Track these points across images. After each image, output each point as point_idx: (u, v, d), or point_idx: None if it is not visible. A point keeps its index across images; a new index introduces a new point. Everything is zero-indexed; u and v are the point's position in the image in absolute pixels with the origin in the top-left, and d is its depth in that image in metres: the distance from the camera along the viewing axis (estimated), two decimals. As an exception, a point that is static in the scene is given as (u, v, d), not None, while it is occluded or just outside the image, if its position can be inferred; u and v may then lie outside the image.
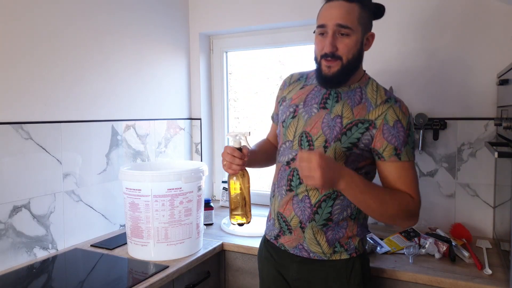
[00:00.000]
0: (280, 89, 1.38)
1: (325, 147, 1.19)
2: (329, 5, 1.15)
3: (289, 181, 1.24)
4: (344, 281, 1.22)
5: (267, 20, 2.11)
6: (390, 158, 1.15)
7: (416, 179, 1.19)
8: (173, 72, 2.21)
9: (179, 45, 2.25)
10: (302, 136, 1.23)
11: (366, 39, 1.19)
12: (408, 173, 1.17)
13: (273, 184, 1.34)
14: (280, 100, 1.35)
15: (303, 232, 1.23)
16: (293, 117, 1.25)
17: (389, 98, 1.19)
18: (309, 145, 1.22)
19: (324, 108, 1.21)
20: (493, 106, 1.69)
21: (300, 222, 1.23)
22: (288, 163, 1.26)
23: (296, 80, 1.34)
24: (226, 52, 2.40)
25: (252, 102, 2.45)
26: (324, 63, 1.16)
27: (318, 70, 1.19)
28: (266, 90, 2.38)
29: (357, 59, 1.18)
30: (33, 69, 1.49)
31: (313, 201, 1.21)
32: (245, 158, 1.25)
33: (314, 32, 1.22)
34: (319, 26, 1.16)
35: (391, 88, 1.84)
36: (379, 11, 1.24)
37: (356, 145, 1.17)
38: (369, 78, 1.25)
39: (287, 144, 1.27)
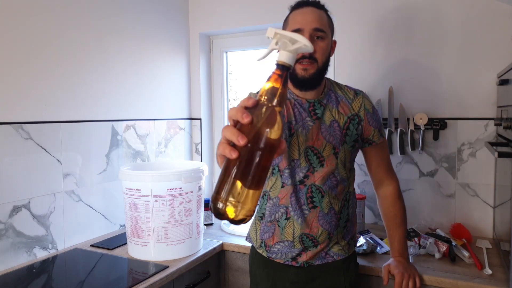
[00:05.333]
0: None
1: (335, 153, 1.23)
2: (301, 11, 1.18)
3: (309, 199, 1.23)
4: (341, 275, 1.28)
5: (267, 20, 2.11)
6: (380, 139, 1.31)
7: (389, 157, 1.40)
8: (173, 72, 2.21)
9: (179, 45, 2.25)
10: (307, 152, 1.22)
11: (332, 44, 1.24)
12: (387, 151, 1.37)
13: (282, 207, 1.24)
14: None
15: (330, 240, 1.26)
16: (291, 135, 1.23)
17: (355, 90, 1.30)
18: (318, 158, 1.22)
19: (318, 118, 1.23)
20: (493, 106, 1.69)
21: (329, 234, 1.24)
22: (301, 181, 1.23)
23: None
24: (226, 52, 2.40)
25: (252, 102, 2.45)
26: (299, 66, 1.16)
27: (293, 74, 1.17)
28: (266, 90, 2.38)
29: (327, 62, 1.21)
30: (34, 69, 1.49)
31: (337, 208, 1.25)
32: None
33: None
34: (295, 31, 1.14)
35: (391, 88, 1.84)
36: None
37: (357, 140, 1.27)
38: (329, 80, 1.31)
39: (293, 163, 1.22)
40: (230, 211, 0.61)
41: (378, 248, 1.53)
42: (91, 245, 1.64)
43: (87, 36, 1.69)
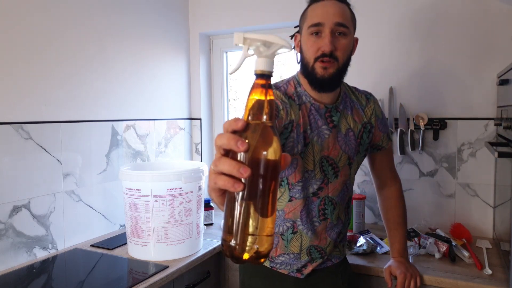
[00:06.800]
0: (281, 109, 1.05)
1: (350, 164, 1.19)
2: (322, 4, 1.07)
3: (321, 211, 1.17)
4: (339, 277, 1.27)
5: (266, 20, 2.11)
6: (388, 143, 1.30)
7: (393, 159, 1.41)
8: (173, 72, 2.21)
9: (179, 45, 2.25)
10: (322, 162, 1.13)
11: (353, 42, 1.15)
12: (392, 153, 1.37)
13: (288, 221, 1.17)
14: (289, 126, 1.07)
15: (334, 248, 1.24)
16: (306, 144, 1.11)
17: (366, 94, 1.27)
18: (333, 168, 1.16)
19: (334, 126, 1.15)
20: (493, 106, 1.69)
21: (335, 242, 1.23)
22: (315, 193, 1.16)
23: (288, 98, 1.11)
24: (226, 52, 2.40)
25: (252, 102, 2.45)
26: (318, 65, 1.06)
27: (312, 74, 1.08)
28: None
29: (348, 62, 1.12)
30: (34, 69, 1.49)
31: (343, 218, 1.24)
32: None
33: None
34: (314, 25, 1.05)
35: (391, 88, 1.84)
36: None
37: (367, 148, 1.26)
38: (342, 82, 1.20)
39: (307, 174, 1.13)
40: (251, 251, 0.52)
41: (378, 248, 1.53)
42: (91, 245, 1.64)
43: (87, 36, 1.69)
